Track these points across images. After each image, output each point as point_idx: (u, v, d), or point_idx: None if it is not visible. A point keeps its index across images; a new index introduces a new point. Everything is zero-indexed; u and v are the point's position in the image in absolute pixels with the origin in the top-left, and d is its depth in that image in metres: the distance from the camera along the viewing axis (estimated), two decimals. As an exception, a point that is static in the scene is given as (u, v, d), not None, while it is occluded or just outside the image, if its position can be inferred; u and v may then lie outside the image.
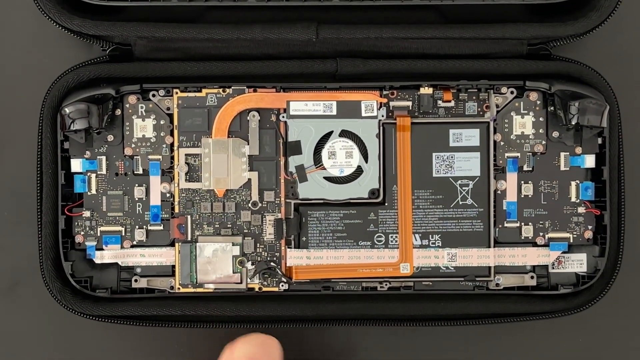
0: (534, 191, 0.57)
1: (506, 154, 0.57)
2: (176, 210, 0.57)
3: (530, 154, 0.57)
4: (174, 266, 0.56)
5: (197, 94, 0.56)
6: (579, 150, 0.57)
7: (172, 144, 0.56)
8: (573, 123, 0.55)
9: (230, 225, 0.57)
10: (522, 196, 0.57)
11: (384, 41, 0.57)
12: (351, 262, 0.56)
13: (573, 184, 0.57)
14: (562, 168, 0.57)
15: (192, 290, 0.56)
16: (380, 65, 0.57)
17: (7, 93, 0.60)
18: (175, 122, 0.56)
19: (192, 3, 0.55)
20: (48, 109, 0.56)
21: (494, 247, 0.57)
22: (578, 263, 0.57)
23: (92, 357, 0.60)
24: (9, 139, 0.60)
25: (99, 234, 0.56)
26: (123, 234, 0.56)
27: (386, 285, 0.57)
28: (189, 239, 0.56)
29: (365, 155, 0.56)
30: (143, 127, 0.56)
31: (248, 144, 0.56)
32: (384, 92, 0.57)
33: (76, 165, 0.56)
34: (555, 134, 0.57)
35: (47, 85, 0.56)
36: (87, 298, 0.56)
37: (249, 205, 0.57)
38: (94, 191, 0.56)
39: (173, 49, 0.57)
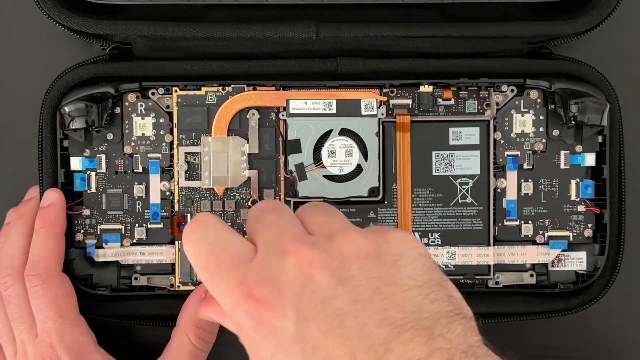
0: (534, 189, 0.57)
1: (506, 152, 0.57)
2: (176, 208, 0.57)
3: (530, 152, 0.57)
4: (174, 264, 0.56)
5: (197, 92, 0.56)
6: (579, 148, 0.57)
7: (171, 143, 0.56)
8: (573, 121, 0.55)
9: (229, 224, 0.57)
10: (522, 194, 0.57)
11: (384, 40, 0.57)
12: (351, 261, 0.56)
13: (573, 182, 0.57)
14: (562, 166, 0.57)
15: (192, 288, 0.56)
16: (380, 64, 0.57)
17: (7, 92, 0.60)
18: (175, 121, 0.56)
19: (192, 2, 0.55)
20: (48, 108, 0.56)
21: (494, 245, 0.57)
22: (578, 261, 0.57)
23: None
24: (8, 138, 0.60)
25: (98, 232, 0.56)
26: (123, 232, 0.56)
27: (386, 283, 0.57)
28: (189, 237, 0.56)
29: (364, 153, 0.56)
30: (142, 126, 0.56)
31: (248, 142, 0.56)
32: (384, 91, 0.56)
33: (76, 163, 0.56)
34: (556, 132, 0.57)
35: (47, 84, 0.56)
36: (87, 296, 0.56)
37: (249, 203, 0.57)
38: (93, 189, 0.56)
39: (173, 48, 0.57)
